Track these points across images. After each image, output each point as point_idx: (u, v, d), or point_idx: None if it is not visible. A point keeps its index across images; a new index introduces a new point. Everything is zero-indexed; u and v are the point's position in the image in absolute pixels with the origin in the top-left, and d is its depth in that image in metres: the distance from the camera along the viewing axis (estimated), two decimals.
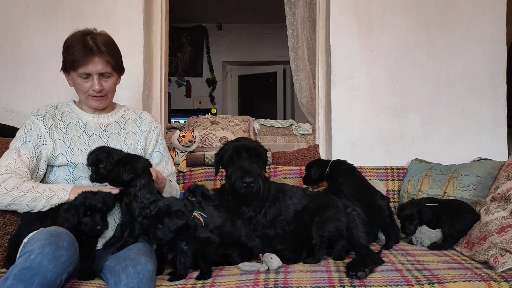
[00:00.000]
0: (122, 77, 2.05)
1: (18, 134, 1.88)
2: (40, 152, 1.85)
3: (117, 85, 2.02)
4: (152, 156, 2.07)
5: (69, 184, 1.83)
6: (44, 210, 1.73)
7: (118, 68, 1.96)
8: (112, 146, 1.93)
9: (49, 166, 1.89)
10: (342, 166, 2.44)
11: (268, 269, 1.72)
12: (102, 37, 1.91)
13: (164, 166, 2.08)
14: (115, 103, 2.11)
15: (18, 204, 1.73)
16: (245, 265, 1.74)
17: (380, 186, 2.60)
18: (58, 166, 1.87)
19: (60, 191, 1.75)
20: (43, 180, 1.90)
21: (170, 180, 2.07)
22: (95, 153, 1.78)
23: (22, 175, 1.78)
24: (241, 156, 2.08)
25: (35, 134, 1.86)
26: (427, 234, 2.13)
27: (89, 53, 1.84)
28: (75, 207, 1.64)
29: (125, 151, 1.91)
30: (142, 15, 2.89)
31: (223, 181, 2.28)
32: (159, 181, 1.89)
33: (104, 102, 1.96)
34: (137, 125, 2.06)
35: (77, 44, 1.86)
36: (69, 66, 1.88)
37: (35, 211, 1.74)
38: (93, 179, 1.77)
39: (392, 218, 2.33)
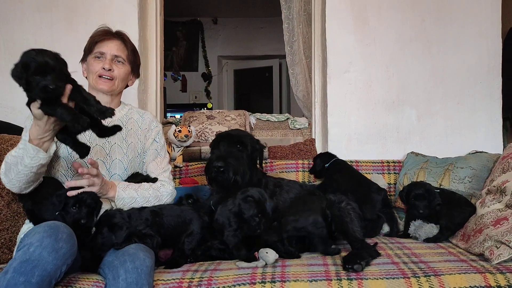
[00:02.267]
0: None
1: (25, 124, 1.84)
2: None
3: (129, 86, 2.11)
4: (147, 153, 2.07)
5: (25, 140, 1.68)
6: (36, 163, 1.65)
7: (132, 61, 2.03)
8: (112, 143, 1.96)
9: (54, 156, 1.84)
10: (337, 165, 2.55)
11: (266, 264, 1.72)
12: (126, 34, 2.05)
13: (158, 164, 2.07)
14: (121, 101, 2.12)
15: (17, 175, 1.68)
16: (242, 263, 1.74)
17: (382, 180, 2.61)
18: (59, 157, 1.86)
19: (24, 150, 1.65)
20: (50, 165, 1.83)
21: (156, 178, 2.02)
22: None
23: None
24: (221, 142, 2.12)
25: None
26: (423, 229, 2.14)
27: (107, 34, 1.98)
28: (64, 196, 1.65)
29: (125, 150, 1.96)
30: (137, 10, 2.88)
31: None
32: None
33: (110, 86, 1.97)
34: (138, 124, 2.08)
35: (100, 30, 2.00)
36: (87, 49, 1.98)
37: (34, 170, 1.66)
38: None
39: (391, 210, 2.36)
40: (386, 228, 2.33)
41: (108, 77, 1.95)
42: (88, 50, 1.98)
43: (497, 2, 2.91)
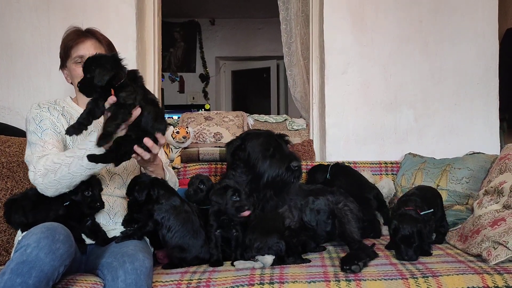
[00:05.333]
0: None
1: (31, 128, 1.81)
2: (61, 136, 1.81)
3: None
4: None
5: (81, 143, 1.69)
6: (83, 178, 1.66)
7: None
8: None
9: None
10: (335, 173, 2.50)
11: (263, 266, 1.72)
12: (97, 30, 1.98)
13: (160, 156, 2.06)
14: None
15: (59, 182, 1.65)
16: (240, 263, 1.73)
17: (391, 183, 2.60)
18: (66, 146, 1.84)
19: (77, 152, 1.64)
20: None
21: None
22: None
23: None
24: (283, 143, 2.08)
25: (48, 122, 1.81)
26: None
27: (81, 35, 1.92)
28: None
29: None
30: (135, 11, 2.87)
31: (218, 178, 2.27)
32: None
33: None
34: None
35: (70, 33, 1.94)
36: (64, 55, 1.92)
37: (76, 183, 1.67)
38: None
39: (385, 209, 2.37)
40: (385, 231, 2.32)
41: None
42: (65, 56, 1.93)
43: (493, 3, 2.92)
